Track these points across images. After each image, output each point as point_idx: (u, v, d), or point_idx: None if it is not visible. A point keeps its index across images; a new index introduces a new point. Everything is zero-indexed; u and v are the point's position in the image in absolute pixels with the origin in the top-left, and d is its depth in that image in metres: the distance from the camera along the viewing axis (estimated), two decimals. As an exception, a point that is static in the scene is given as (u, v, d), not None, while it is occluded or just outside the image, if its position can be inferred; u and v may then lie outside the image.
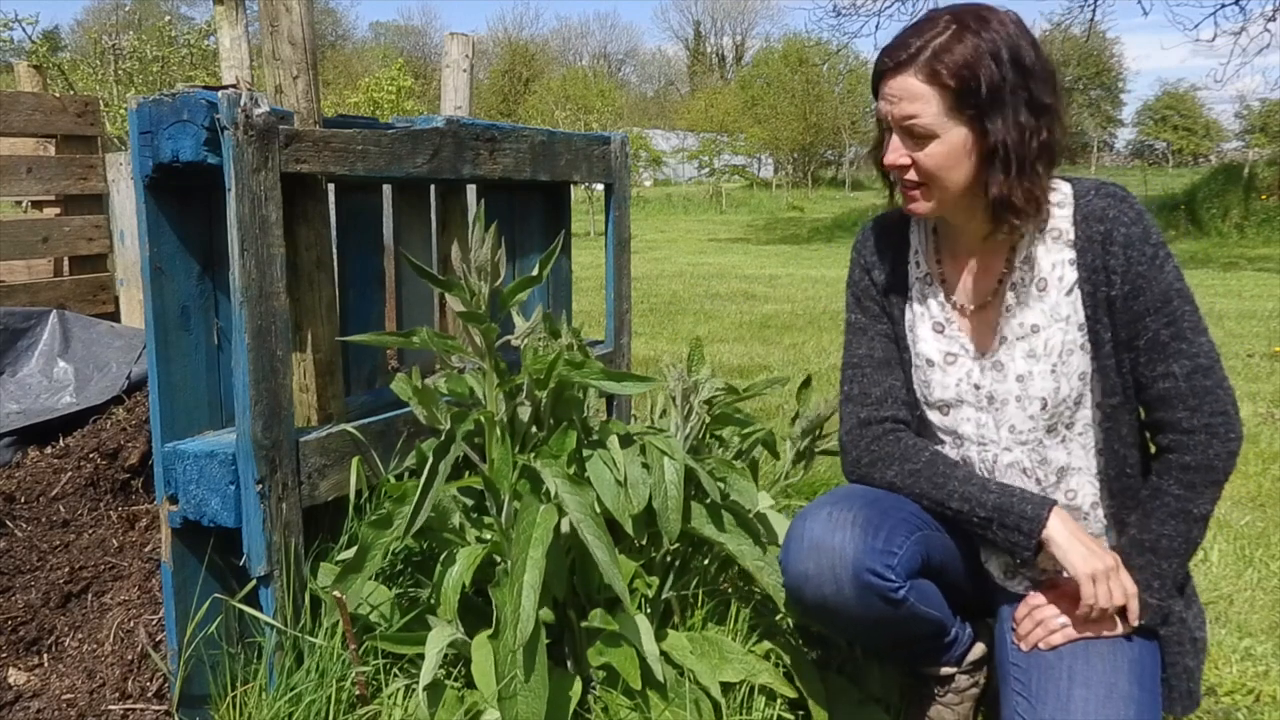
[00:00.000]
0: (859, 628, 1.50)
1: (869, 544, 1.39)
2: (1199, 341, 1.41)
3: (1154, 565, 1.43)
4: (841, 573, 1.39)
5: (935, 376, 1.57)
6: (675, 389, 1.70)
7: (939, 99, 1.36)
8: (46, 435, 2.27)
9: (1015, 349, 1.50)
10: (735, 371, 4.98)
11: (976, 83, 1.34)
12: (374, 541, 1.46)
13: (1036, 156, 1.38)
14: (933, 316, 1.57)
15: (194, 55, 12.81)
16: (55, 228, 3.20)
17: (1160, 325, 1.41)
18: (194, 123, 1.42)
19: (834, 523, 1.42)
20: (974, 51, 1.34)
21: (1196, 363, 1.40)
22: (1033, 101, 1.37)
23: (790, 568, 1.45)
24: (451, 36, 2.85)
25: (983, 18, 1.37)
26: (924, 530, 1.48)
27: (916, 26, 1.39)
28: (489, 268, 1.51)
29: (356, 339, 1.59)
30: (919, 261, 1.59)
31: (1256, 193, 14.24)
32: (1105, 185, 1.46)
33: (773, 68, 38.07)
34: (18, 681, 1.66)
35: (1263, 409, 4.25)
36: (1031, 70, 1.36)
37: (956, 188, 1.41)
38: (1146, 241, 1.40)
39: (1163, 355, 1.42)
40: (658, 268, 10.76)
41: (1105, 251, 1.42)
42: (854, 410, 1.59)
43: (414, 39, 49.00)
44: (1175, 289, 1.41)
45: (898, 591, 1.40)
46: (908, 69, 1.37)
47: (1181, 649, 1.46)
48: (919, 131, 1.38)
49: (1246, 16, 13.68)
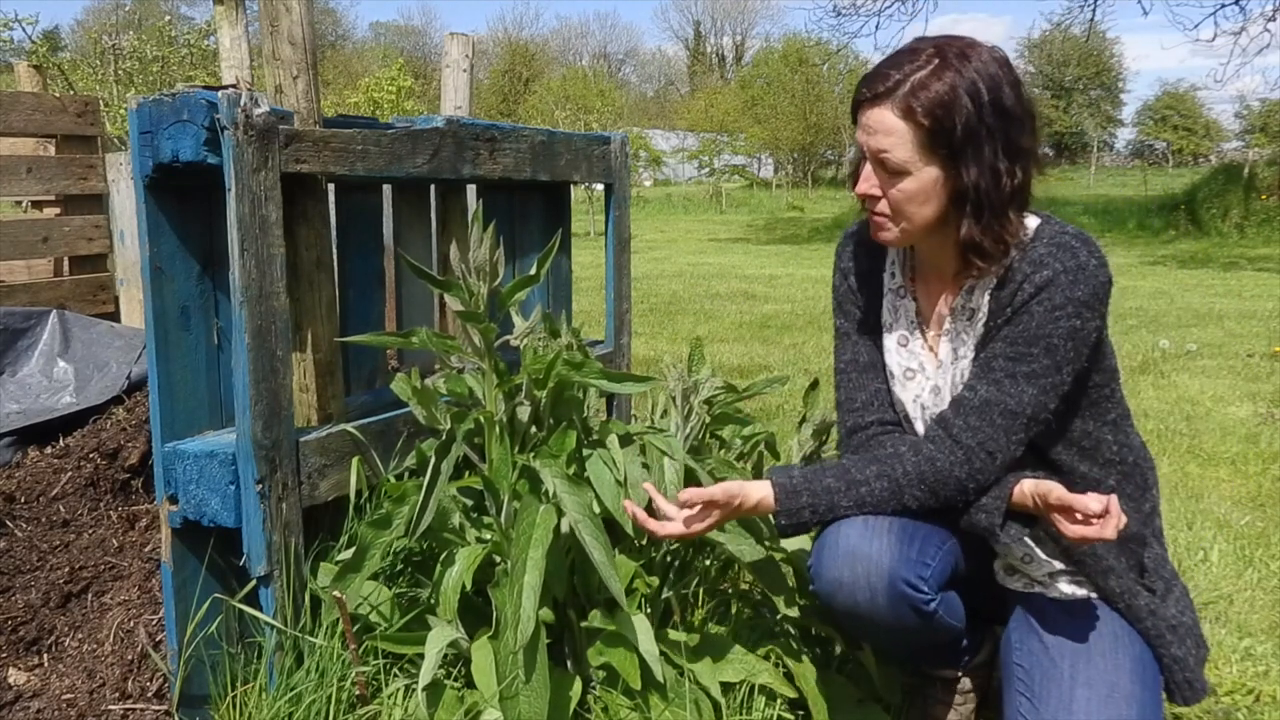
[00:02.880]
0: (884, 635, 1.50)
1: (904, 554, 1.39)
2: (1021, 388, 1.38)
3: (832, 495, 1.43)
4: (876, 582, 1.38)
5: (896, 389, 1.58)
6: (675, 389, 1.70)
7: (912, 136, 1.33)
8: (46, 435, 2.27)
9: (949, 375, 1.51)
10: (735, 371, 4.98)
11: (951, 123, 1.31)
12: (373, 541, 1.46)
13: (1009, 200, 1.36)
14: (899, 330, 1.57)
15: (194, 55, 12.80)
16: (55, 228, 3.20)
17: (1003, 351, 1.39)
18: (194, 123, 1.42)
19: (870, 531, 1.41)
20: (951, 90, 1.31)
21: (1004, 402, 1.38)
22: (1009, 145, 1.34)
23: (824, 574, 1.44)
24: (451, 36, 2.85)
25: (965, 55, 1.33)
26: (953, 540, 1.48)
27: (898, 57, 1.37)
28: (488, 268, 1.51)
29: (356, 339, 1.59)
30: (894, 273, 1.59)
31: (1256, 193, 14.23)
32: (1066, 233, 1.41)
33: (773, 68, 38.05)
34: (18, 681, 1.66)
35: (1263, 409, 4.24)
36: (1010, 113, 1.33)
37: (924, 223, 1.40)
38: (1062, 291, 1.35)
39: (983, 373, 1.41)
40: (658, 268, 10.76)
41: (1019, 288, 1.39)
42: (843, 418, 1.61)
43: (414, 39, 48.99)
44: (1049, 341, 1.37)
45: (929, 604, 1.40)
46: (884, 101, 1.34)
47: (1163, 639, 1.46)
48: (891, 166, 1.36)
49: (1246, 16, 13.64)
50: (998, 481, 1.42)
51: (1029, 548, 1.50)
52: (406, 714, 1.45)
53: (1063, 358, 1.38)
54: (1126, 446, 1.49)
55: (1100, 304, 1.38)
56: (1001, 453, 1.40)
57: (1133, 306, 7.34)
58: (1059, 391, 1.40)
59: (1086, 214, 15.75)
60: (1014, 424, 1.39)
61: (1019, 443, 1.41)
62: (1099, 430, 1.47)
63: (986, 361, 1.42)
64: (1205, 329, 6.36)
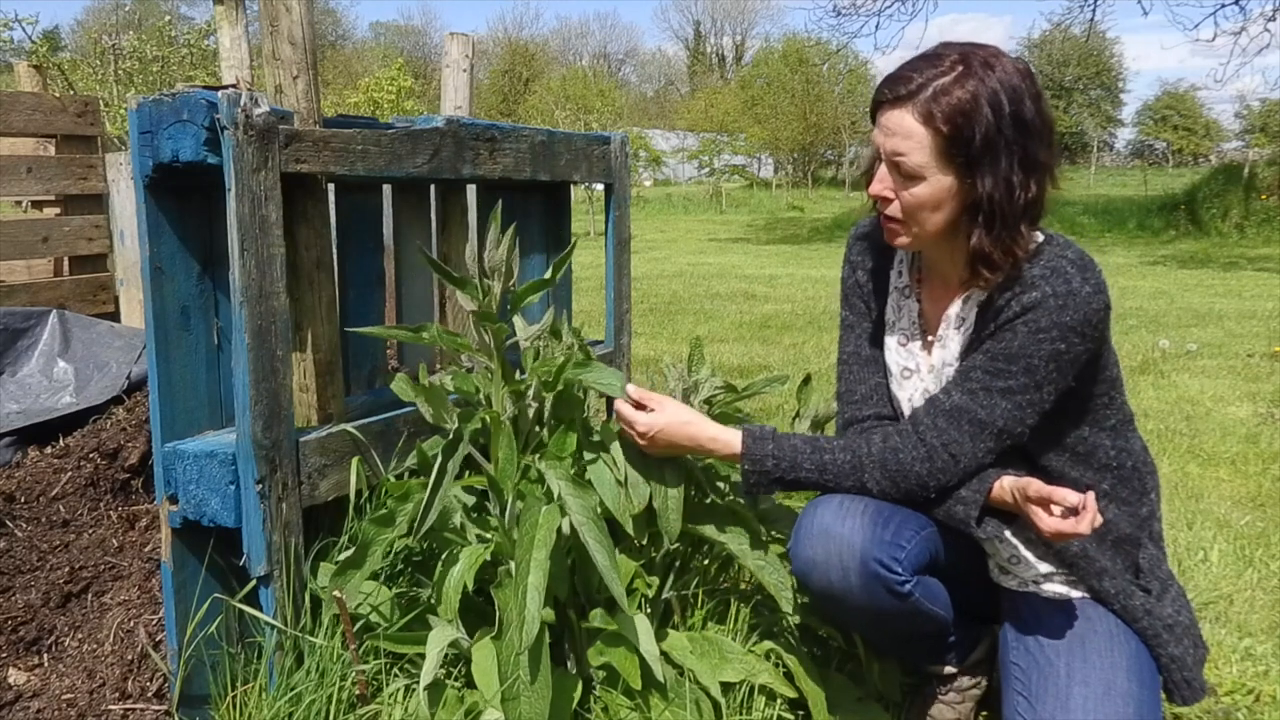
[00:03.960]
0: (864, 619, 1.51)
1: (877, 535, 1.40)
2: (995, 401, 1.39)
3: (797, 454, 1.47)
4: (849, 561, 1.39)
5: (893, 387, 1.59)
6: (675, 388, 1.70)
7: (931, 142, 1.33)
8: (46, 435, 2.27)
9: (940, 378, 1.51)
10: (735, 371, 4.98)
11: (970, 132, 1.31)
12: (375, 538, 1.46)
13: (1021, 213, 1.35)
14: (901, 329, 1.58)
15: (194, 55, 12.79)
16: (55, 228, 3.20)
17: (982, 364, 1.40)
18: (194, 123, 1.42)
19: (844, 512, 1.42)
20: (973, 99, 1.30)
21: (975, 412, 1.40)
22: (1026, 158, 1.33)
23: (798, 553, 1.46)
24: (451, 36, 2.85)
25: (989, 64, 1.33)
26: (933, 528, 1.48)
27: (922, 60, 1.36)
28: (503, 268, 1.51)
29: (367, 331, 1.59)
30: (901, 271, 1.59)
31: (1256, 193, 14.24)
32: (1065, 257, 1.39)
33: (773, 68, 38.02)
34: (18, 681, 1.66)
35: (1263, 409, 4.24)
36: (1030, 125, 1.33)
37: (935, 229, 1.40)
38: (1049, 314, 1.35)
39: (960, 381, 1.42)
40: (658, 268, 10.76)
41: (1006, 305, 1.39)
42: (841, 410, 1.62)
43: (414, 39, 49.00)
44: (1029, 361, 1.36)
45: (904, 585, 1.40)
46: (905, 104, 1.34)
47: (1159, 639, 1.46)
48: (906, 170, 1.36)
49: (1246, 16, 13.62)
50: (979, 476, 1.42)
51: (1015, 548, 1.50)
52: (407, 714, 1.45)
53: (1043, 378, 1.37)
54: (1125, 451, 1.49)
55: (1091, 329, 1.37)
56: (965, 457, 1.40)
57: (1133, 306, 7.35)
58: (1038, 409, 1.40)
59: (1086, 214, 15.76)
60: (982, 433, 1.40)
61: (987, 451, 1.41)
62: (1096, 436, 1.46)
63: (966, 370, 1.43)
64: (1205, 329, 6.36)
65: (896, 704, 1.72)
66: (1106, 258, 11.24)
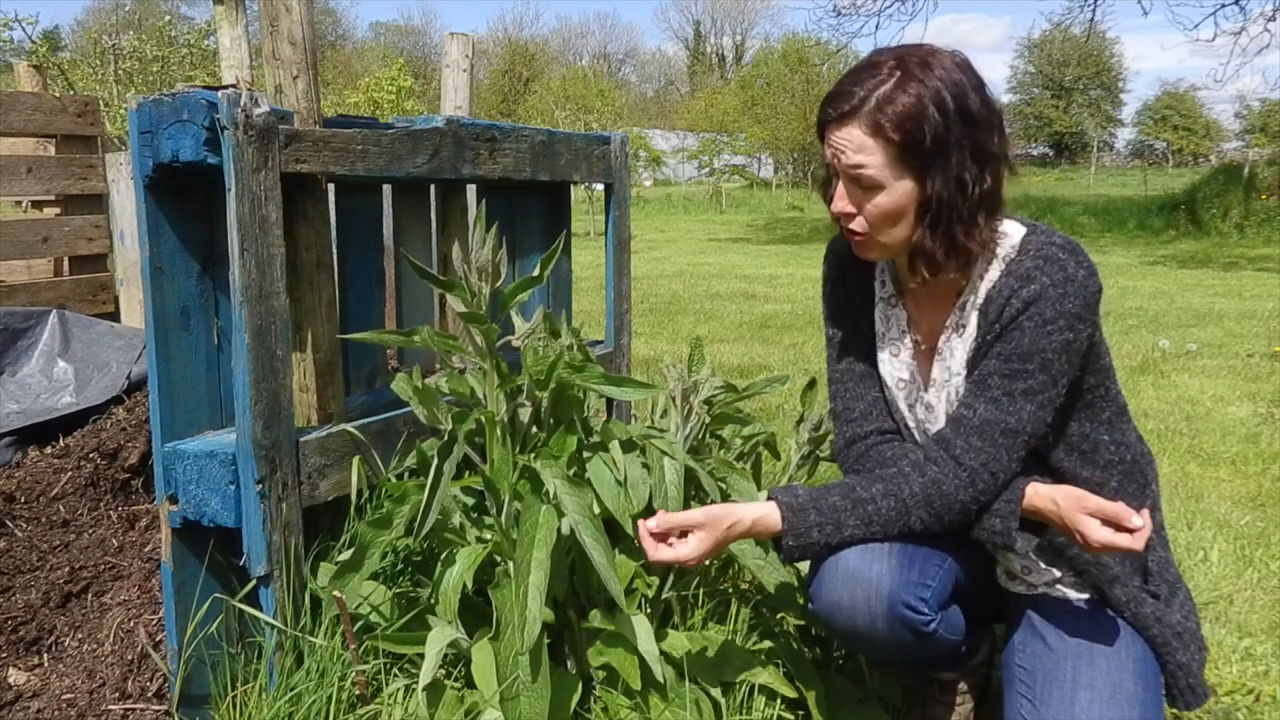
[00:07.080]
0: (881, 651, 1.50)
1: (905, 577, 1.38)
2: (1020, 405, 1.37)
3: (839, 514, 1.40)
4: (876, 606, 1.38)
5: (890, 399, 1.57)
6: (675, 389, 1.70)
7: (884, 151, 1.33)
8: (46, 435, 2.27)
9: (942, 392, 1.49)
10: (735, 371, 4.98)
11: (921, 134, 1.30)
12: (374, 540, 1.46)
13: (978, 206, 1.35)
14: (891, 339, 1.56)
15: (194, 55, 12.79)
16: (55, 228, 3.20)
17: (998, 369, 1.38)
18: (194, 123, 1.42)
19: (870, 554, 1.40)
20: (917, 101, 1.30)
21: (1004, 421, 1.37)
22: (978, 150, 1.33)
23: (823, 596, 1.43)
24: (451, 36, 2.85)
25: (927, 64, 1.32)
26: (953, 554, 1.47)
27: (858, 73, 1.35)
28: (490, 268, 1.51)
29: (358, 337, 1.59)
30: (885, 281, 1.58)
31: (1256, 193, 14.24)
32: (1053, 244, 1.39)
33: (773, 68, 38.03)
34: (18, 681, 1.66)
35: (1263, 409, 4.24)
36: (977, 118, 1.33)
37: (904, 236, 1.39)
38: (1052, 305, 1.34)
39: (979, 391, 1.40)
40: (658, 268, 10.75)
41: (1006, 304, 1.38)
42: (840, 429, 1.59)
43: (414, 39, 48.98)
44: (1043, 356, 1.36)
45: (929, 625, 1.40)
46: (851, 120, 1.33)
47: (1168, 646, 1.46)
48: (866, 182, 1.35)
49: (1246, 16, 13.62)
50: (1009, 487, 1.41)
51: (1030, 560, 1.50)
52: (406, 714, 1.45)
53: (1058, 371, 1.37)
54: (1124, 445, 1.48)
55: (1091, 313, 1.37)
56: (1004, 472, 1.39)
57: (1133, 306, 7.35)
58: (1055, 405, 1.39)
59: (1086, 214, 15.76)
60: (1014, 442, 1.38)
61: (1019, 460, 1.40)
62: (1095, 431, 1.46)
63: (981, 379, 1.40)
64: (1205, 329, 6.36)
65: (896, 705, 1.72)
66: (1106, 258, 11.23)
